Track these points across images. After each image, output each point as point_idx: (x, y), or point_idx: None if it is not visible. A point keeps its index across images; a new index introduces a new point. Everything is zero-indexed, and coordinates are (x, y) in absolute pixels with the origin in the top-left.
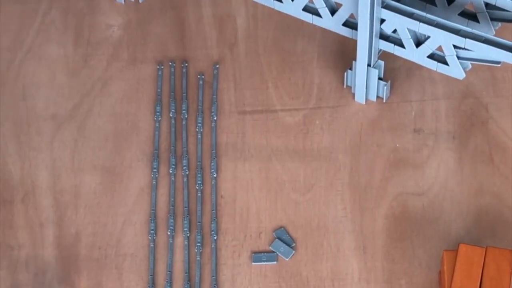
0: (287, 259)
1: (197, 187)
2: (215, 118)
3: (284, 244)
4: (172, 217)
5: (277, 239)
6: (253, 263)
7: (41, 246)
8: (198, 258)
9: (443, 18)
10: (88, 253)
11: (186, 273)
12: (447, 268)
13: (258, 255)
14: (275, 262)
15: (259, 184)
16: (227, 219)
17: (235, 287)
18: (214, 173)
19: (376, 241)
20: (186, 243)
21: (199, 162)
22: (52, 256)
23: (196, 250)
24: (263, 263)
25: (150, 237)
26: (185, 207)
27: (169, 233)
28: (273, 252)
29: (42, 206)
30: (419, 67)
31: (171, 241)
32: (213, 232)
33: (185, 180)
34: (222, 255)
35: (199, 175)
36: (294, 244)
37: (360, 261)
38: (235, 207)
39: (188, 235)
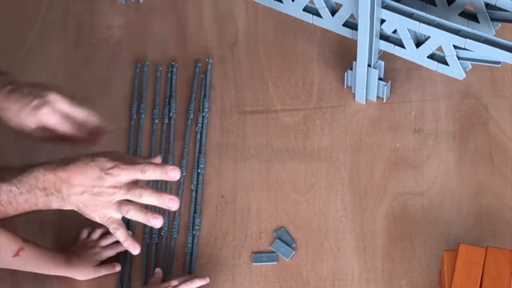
0: (287, 259)
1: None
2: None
3: (284, 244)
4: (167, 218)
5: (277, 239)
6: (253, 263)
7: None
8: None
9: (443, 18)
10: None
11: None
12: (447, 268)
13: (258, 255)
14: (275, 262)
15: (259, 184)
16: (227, 219)
17: (235, 287)
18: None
19: (376, 241)
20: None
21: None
22: None
23: (186, 251)
24: (263, 263)
25: (154, 237)
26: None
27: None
28: (274, 252)
29: None
30: (419, 67)
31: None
32: (196, 227)
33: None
34: (223, 255)
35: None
36: (294, 244)
37: (360, 261)
38: (235, 207)
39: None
